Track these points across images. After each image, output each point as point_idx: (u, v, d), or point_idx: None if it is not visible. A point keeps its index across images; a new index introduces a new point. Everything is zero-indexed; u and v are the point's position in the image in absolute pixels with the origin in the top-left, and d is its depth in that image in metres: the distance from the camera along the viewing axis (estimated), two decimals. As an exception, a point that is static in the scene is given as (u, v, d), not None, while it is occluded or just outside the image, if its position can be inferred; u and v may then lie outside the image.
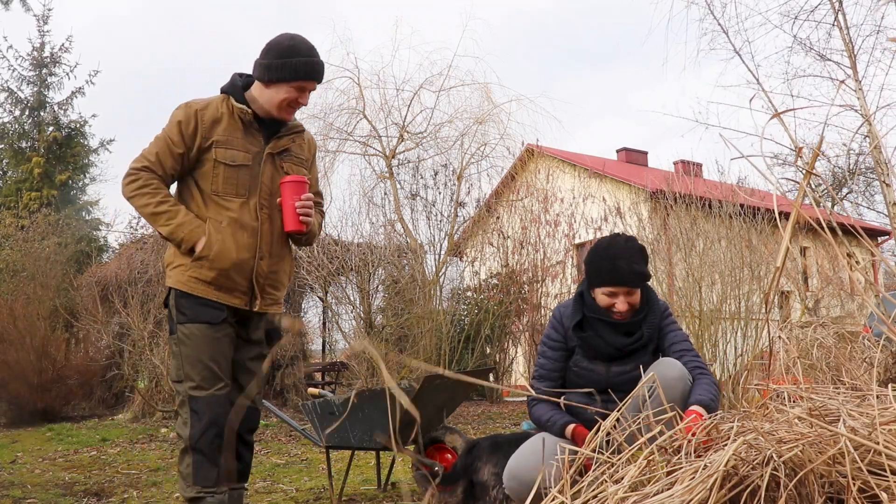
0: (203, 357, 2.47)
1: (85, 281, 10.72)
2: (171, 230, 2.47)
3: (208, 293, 2.50)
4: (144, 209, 2.49)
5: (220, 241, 2.49)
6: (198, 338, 2.48)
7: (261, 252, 2.56)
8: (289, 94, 2.55)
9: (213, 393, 2.47)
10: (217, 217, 2.52)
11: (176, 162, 2.53)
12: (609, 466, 1.71)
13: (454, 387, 3.91)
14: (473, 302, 10.30)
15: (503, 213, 10.99)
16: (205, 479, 2.43)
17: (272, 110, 2.59)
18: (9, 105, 15.95)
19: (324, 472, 4.35)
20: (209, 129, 2.53)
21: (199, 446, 2.44)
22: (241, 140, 2.57)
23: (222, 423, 2.48)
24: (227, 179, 2.53)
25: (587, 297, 2.50)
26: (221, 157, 2.53)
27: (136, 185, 2.49)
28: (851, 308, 8.43)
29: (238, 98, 2.59)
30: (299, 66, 2.52)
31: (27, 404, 8.57)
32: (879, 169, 7.54)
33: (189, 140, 2.52)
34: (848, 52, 7.45)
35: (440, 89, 11.12)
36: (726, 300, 6.65)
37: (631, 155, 21.75)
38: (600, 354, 2.44)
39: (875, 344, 3.36)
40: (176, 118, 2.54)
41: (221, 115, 2.56)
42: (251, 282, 2.56)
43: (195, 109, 2.54)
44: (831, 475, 1.47)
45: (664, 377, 2.23)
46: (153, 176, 2.51)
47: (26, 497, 4.03)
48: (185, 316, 2.50)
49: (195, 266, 2.49)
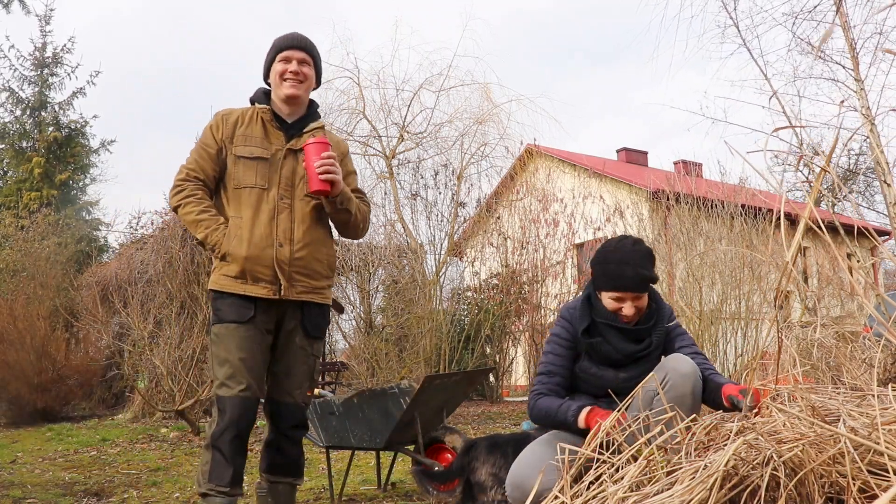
0: (230, 357, 2.55)
1: (85, 281, 10.72)
2: (203, 235, 2.61)
3: (236, 287, 2.60)
4: (186, 217, 2.64)
5: (238, 235, 2.61)
6: (226, 337, 2.57)
7: (279, 240, 2.62)
8: (277, 68, 2.76)
9: (236, 393, 2.53)
10: (237, 213, 2.64)
11: (214, 161, 2.70)
12: (609, 466, 1.71)
13: (454, 387, 3.91)
14: (473, 302, 10.30)
15: (503, 213, 10.99)
16: (219, 477, 2.49)
17: (278, 94, 2.77)
18: (10, 105, 15.95)
19: (324, 472, 4.35)
20: (231, 129, 2.72)
21: (218, 444, 2.51)
22: (261, 137, 2.72)
23: (243, 425, 2.54)
24: (247, 171, 2.66)
25: (594, 300, 2.47)
26: (240, 152, 2.68)
27: (181, 196, 2.66)
28: (851, 308, 8.42)
29: (260, 101, 2.80)
30: (278, 40, 2.80)
31: (27, 404, 8.56)
32: (879, 169, 7.54)
33: (218, 140, 2.71)
34: (850, 52, 7.45)
35: (440, 89, 11.12)
36: (726, 300, 6.65)
37: (631, 155, 21.74)
38: (609, 361, 2.42)
39: (875, 343, 3.35)
40: (207, 126, 2.77)
41: (244, 118, 2.76)
42: (274, 270, 2.61)
43: (222, 115, 2.76)
44: (831, 475, 1.47)
45: (676, 372, 2.23)
46: (197, 185, 2.67)
47: (26, 497, 4.03)
48: (216, 316, 2.62)
49: (223, 265, 2.62)
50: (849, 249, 7.90)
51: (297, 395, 2.73)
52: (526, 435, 2.76)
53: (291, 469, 2.75)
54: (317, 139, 2.68)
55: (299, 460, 2.77)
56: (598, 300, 2.45)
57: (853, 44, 7.36)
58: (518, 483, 2.30)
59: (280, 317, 2.68)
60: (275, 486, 2.74)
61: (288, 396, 2.70)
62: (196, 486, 2.58)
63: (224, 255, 2.59)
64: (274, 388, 2.70)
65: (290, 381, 2.70)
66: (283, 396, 2.70)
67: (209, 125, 2.75)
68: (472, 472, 2.75)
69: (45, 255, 11.02)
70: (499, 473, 2.65)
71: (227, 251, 2.59)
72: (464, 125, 11.01)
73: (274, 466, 2.73)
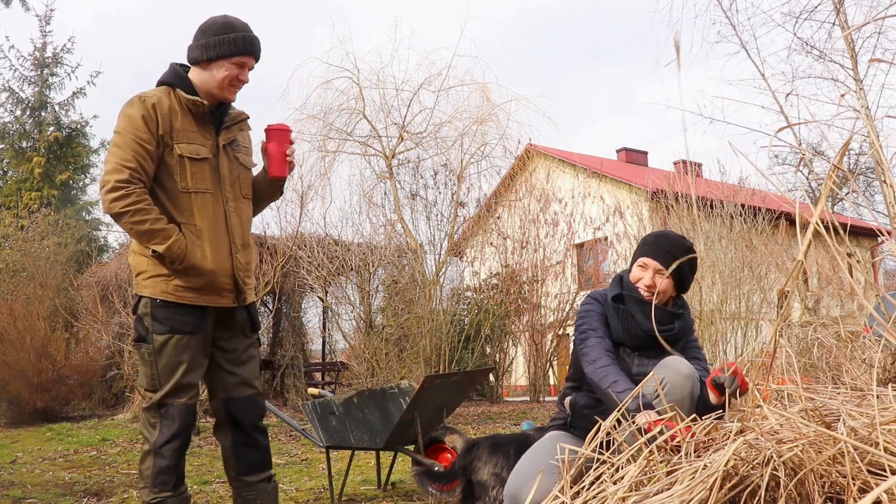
0: (180, 367, 2.44)
1: (85, 281, 10.73)
2: (165, 248, 2.38)
3: (198, 299, 2.46)
4: (138, 226, 2.36)
5: (200, 246, 2.45)
6: (176, 348, 2.44)
7: (235, 247, 2.54)
8: (229, 72, 2.50)
9: (185, 402, 2.47)
10: (189, 220, 2.46)
11: (154, 161, 2.41)
12: (609, 466, 1.71)
13: (454, 387, 3.91)
14: (473, 302, 10.30)
15: (503, 212, 10.99)
16: (163, 483, 2.44)
17: (215, 91, 2.53)
18: (10, 105, 15.97)
19: (324, 472, 4.35)
20: (168, 123, 2.44)
21: (163, 452, 2.44)
22: (198, 133, 2.49)
23: (189, 432, 2.51)
24: (195, 175, 2.46)
25: (625, 277, 2.54)
26: (185, 152, 2.45)
27: (127, 202, 2.34)
28: (851, 308, 8.42)
29: (187, 89, 2.50)
30: (238, 40, 2.51)
31: (27, 404, 8.57)
32: (879, 169, 7.54)
33: (156, 135, 2.41)
34: (849, 52, 7.45)
35: (439, 89, 11.11)
36: (726, 300, 6.65)
37: (631, 155, 21.75)
38: (631, 336, 2.44)
39: (875, 343, 3.35)
40: (136, 114, 2.40)
41: (174, 108, 2.47)
42: (234, 279, 2.54)
43: (151, 103, 2.42)
44: (831, 475, 1.47)
45: (675, 374, 2.23)
46: (143, 189, 2.38)
47: (26, 497, 4.03)
48: (163, 325, 2.43)
49: (180, 275, 2.43)
50: (849, 249, 7.91)
51: (257, 384, 2.67)
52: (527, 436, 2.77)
53: (268, 461, 2.68)
54: (280, 126, 2.60)
55: (268, 448, 2.70)
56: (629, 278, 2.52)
57: (852, 44, 7.37)
58: (514, 493, 2.31)
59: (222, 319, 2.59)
60: (260, 485, 2.61)
61: (249, 389, 2.62)
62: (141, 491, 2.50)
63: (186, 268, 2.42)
64: (232, 386, 2.58)
65: (248, 371, 2.63)
66: (243, 391, 2.61)
67: (141, 114, 2.39)
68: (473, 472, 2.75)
69: (45, 255, 11.03)
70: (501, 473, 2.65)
71: (192, 264, 2.42)
72: (463, 125, 11.00)
73: (253, 465, 2.61)
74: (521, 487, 2.28)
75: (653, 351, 2.43)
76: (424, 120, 11.14)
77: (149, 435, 2.47)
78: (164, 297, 2.43)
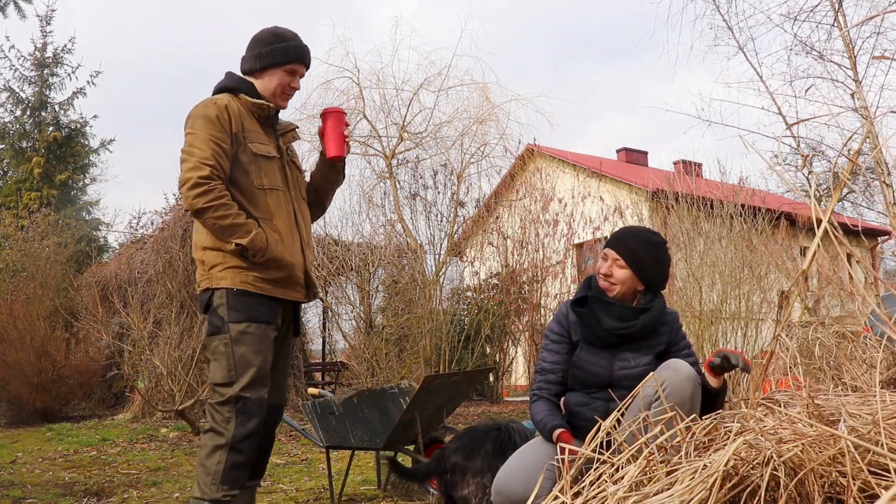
0: (257, 358, 2.44)
1: (85, 281, 10.72)
2: (248, 241, 2.41)
3: (274, 291, 2.50)
4: (221, 221, 2.39)
5: (279, 240, 2.51)
6: (255, 336, 2.43)
7: (304, 243, 2.63)
8: (282, 80, 2.61)
9: (262, 396, 2.45)
10: (267, 216, 2.51)
11: (229, 159, 2.47)
12: (609, 466, 1.71)
13: (454, 387, 3.91)
14: (473, 302, 10.29)
15: (503, 212, 10.98)
16: (234, 480, 2.40)
17: (269, 99, 2.62)
18: (10, 105, 15.95)
19: (324, 472, 4.35)
20: (239, 123, 2.52)
21: (240, 447, 2.40)
22: (263, 135, 2.60)
23: (262, 427, 2.48)
24: (268, 173, 2.54)
25: (594, 279, 2.56)
26: (258, 150, 2.53)
27: (210, 198, 2.38)
28: (852, 308, 8.42)
29: (251, 93, 2.59)
30: (289, 49, 2.61)
31: (27, 404, 8.56)
32: (879, 169, 7.54)
33: (230, 133, 2.49)
34: (848, 53, 7.45)
35: (439, 89, 11.11)
36: (726, 300, 6.65)
37: (631, 155, 21.72)
38: (595, 337, 2.46)
39: (876, 343, 3.35)
40: (211, 114, 2.47)
41: (241, 110, 2.55)
42: (306, 274, 2.62)
43: (224, 104, 2.50)
44: (831, 475, 1.47)
45: (676, 375, 2.23)
46: (223, 185, 2.43)
47: (26, 497, 4.03)
48: (240, 314, 2.43)
49: (260, 267, 2.46)
50: (849, 249, 7.89)
51: (284, 396, 2.72)
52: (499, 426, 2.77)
53: (264, 469, 2.71)
54: (337, 109, 2.74)
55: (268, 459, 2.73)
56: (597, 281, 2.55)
57: (851, 44, 7.37)
58: (502, 489, 2.31)
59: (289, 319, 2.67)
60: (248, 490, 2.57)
61: (283, 398, 2.69)
62: (201, 486, 2.40)
63: (268, 261, 2.46)
64: (273, 391, 2.58)
65: (285, 381, 2.68)
66: (280, 399, 2.66)
67: (215, 115, 2.46)
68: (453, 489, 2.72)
69: (45, 255, 11.02)
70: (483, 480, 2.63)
71: (273, 256, 2.46)
72: (463, 125, 11.00)
73: (257, 471, 2.64)
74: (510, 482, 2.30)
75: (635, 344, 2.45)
76: (424, 120, 11.15)
77: (222, 429, 2.41)
78: (242, 286, 2.44)
